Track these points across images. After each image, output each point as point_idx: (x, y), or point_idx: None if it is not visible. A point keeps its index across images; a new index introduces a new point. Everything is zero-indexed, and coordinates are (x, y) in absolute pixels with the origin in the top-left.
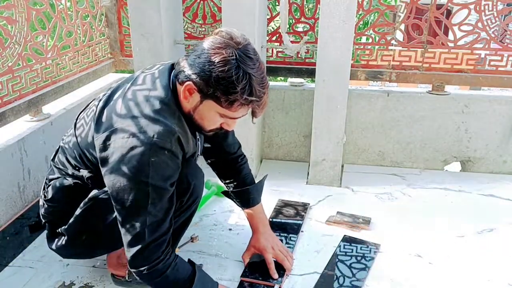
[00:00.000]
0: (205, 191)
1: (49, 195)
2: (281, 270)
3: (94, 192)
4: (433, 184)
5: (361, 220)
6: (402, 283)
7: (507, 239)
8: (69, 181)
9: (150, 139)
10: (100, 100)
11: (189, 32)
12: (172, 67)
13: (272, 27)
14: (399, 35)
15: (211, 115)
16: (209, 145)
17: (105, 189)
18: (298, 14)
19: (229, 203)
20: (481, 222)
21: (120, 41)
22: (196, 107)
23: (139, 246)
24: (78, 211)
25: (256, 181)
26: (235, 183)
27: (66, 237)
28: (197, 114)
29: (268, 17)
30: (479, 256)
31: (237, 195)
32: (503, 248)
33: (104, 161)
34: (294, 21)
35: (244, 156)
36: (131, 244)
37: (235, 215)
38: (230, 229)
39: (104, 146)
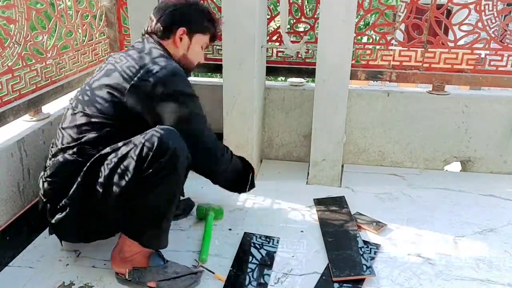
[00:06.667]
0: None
1: (50, 171)
2: None
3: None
4: (433, 184)
5: (374, 225)
6: (402, 283)
7: (507, 239)
8: (69, 157)
9: (170, 67)
10: (99, 73)
11: None
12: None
13: (273, 27)
14: (399, 35)
15: (198, 48)
16: None
17: (105, 151)
18: (298, 14)
19: (229, 204)
20: (481, 222)
21: (120, 41)
22: (188, 46)
23: (216, 144)
24: (78, 180)
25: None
26: None
27: (67, 209)
28: (191, 53)
29: (268, 16)
30: (479, 256)
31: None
32: (503, 248)
33: (149, 97)
34: (294, 21)
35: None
36: (212, 143)
37: (235, 215)
38: (230, 229)
39: (144, 89)
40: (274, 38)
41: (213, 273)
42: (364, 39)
